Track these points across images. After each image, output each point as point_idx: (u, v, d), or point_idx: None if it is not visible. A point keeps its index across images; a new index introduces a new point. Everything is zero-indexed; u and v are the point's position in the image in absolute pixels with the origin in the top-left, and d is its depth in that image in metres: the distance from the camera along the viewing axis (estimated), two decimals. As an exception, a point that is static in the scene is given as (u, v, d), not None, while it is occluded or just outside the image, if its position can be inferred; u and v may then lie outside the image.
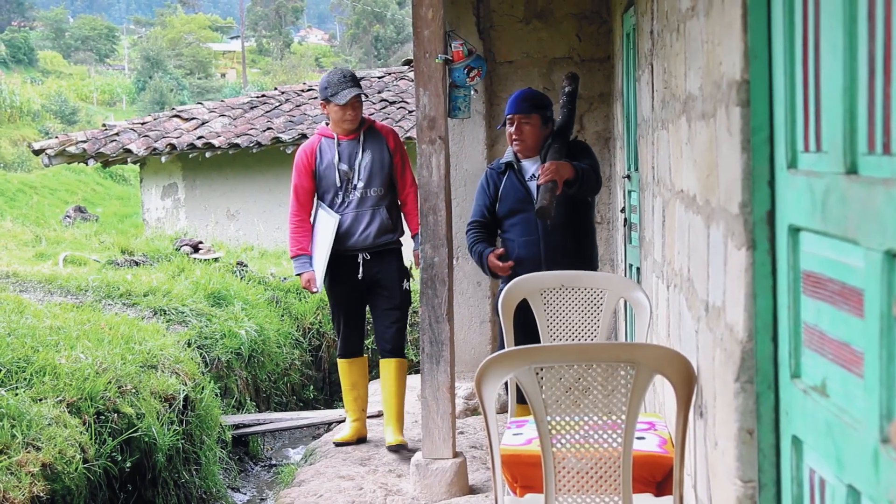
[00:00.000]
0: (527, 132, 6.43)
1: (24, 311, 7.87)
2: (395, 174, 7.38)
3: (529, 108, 6.42)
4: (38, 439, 5.56)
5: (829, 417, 2.30)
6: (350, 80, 7.29)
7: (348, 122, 7.27)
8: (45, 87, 60.65)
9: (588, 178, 6.25)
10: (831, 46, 2.22)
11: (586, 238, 6.58)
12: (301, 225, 7.39)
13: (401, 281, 7.43)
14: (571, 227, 6.45)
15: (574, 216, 6.45)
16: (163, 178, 18.55)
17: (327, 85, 7.27)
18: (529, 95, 6.53)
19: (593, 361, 3.61)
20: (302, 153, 7.41)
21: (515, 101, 6.47)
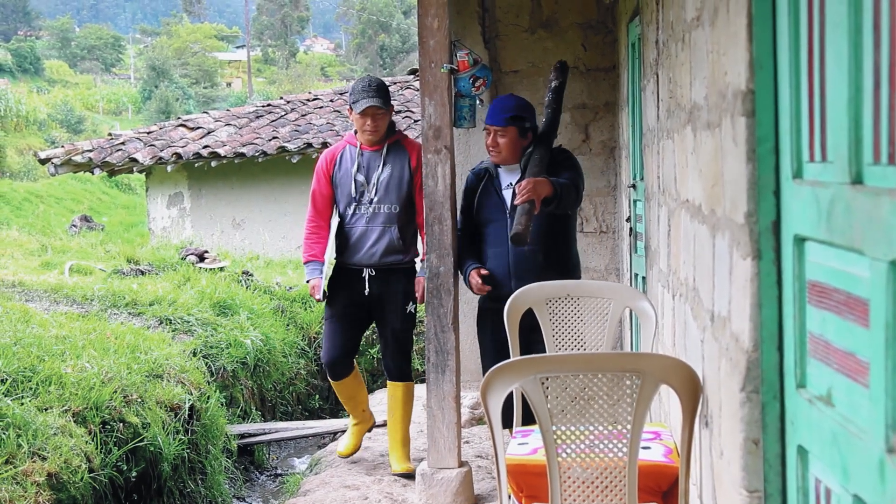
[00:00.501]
0: (502, 145, 6.22)
1: (30, 320, 7.88)
2: (415, 192, 6.99)
3: (505, 120, 6.19)
4: (44, 449, 5.56)
5: (834, 427, 2.30)
6: (373, 90, 6.95)
7: (367, 133, 6.95)
8: (51, 96, 60.75)
9: (567, 194, 6.02)
10: (836, 57, 2.23)
11: (561, 251, 6.35)
12: (316, 231, 7.13)
13: (405, 303, 7.09)
14: (544, 240, 6.22)
15: (547, 228, 6.22)
16: (168, 187, 18.57)
17: (351, 91, 7.03)
18: (507, 106, 6.26)
19: (599, 371, 3.61)
20: (323, 158, 7.19)
21: (493, 111, 6.25)
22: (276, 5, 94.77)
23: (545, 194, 5.85)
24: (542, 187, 5.84)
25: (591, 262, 8.73)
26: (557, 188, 5.90)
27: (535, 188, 5.80)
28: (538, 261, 6.20)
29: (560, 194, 5.91)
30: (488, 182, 6.36)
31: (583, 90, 8.68)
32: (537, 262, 6.19)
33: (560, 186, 5.93)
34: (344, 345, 7.17)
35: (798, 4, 2.53)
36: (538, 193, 5.81)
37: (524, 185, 5.81)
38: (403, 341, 7.19)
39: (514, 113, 6.20)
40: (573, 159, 6.41)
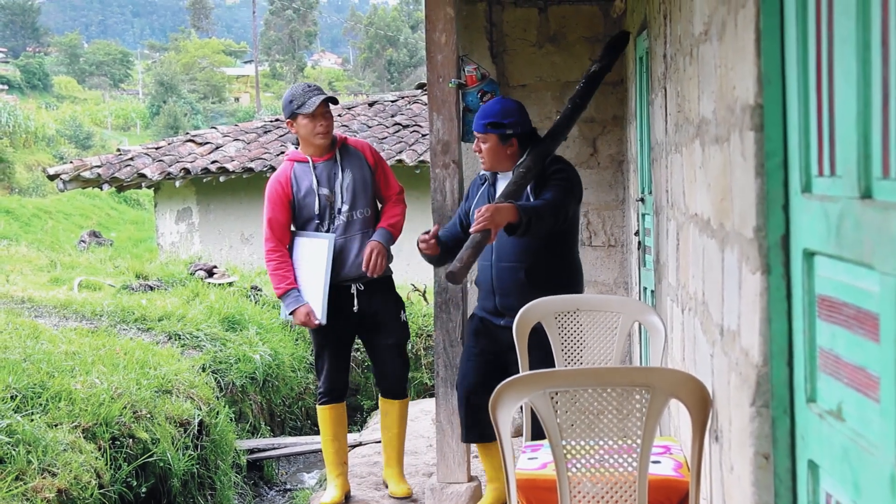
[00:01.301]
0: (485, 151, 5.83)
1: (40, 336, 7.89)
2: (379, 189, 6.70)
3: (484, 126, 5.79)
4: (54, 465, 5.57)
5: (845, 442, 2.29)
6: (316, 90, 6.58)
7: (320, 136, 6.49)
8: (59, 112, 60.96)
9: (540, 220, 5.44)
10: (845, 71, 2.23)
11: (552, 268, 5.88)
12: (282, 259, 6.57)
13: (398, 312, 6.78)
14: (527, 256, 5.80)
15: (530, 244, 5.77)
16: (177, 202, 18.60)
17: (292, 98, 6.52)
18: (488, 112, 5.85)
19: (608, 385, 3.61)
20: (275, 183, 6.68)
21: (477, 115, 5.90)
22: (283, 20, 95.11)
23: (508, 220, 5.31)
24: (503, 215, 5.29)
25: (600, 276, 8.73)
26: (523, 215, 5.33)
27: (493, 217, 5.25)
28: (519, 279, 5.79)
29: (528, 222, 5.35)
30: (485, 188, 6.00)
31: (591, 104, 8.67)
32: (518, 280, 5.79)
33: (529, 213, 5.37)
34: (344, 363, 6.82)
35: (806, 19, 2.53)
36: (496, 223, 5.27)
37: (482, 211, 5.28)
38: (403, 353, 6.85)
39: (493, 119, 5.80)
40: (564, 172, 5.85)
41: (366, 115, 19.40)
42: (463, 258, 5.30)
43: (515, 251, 5.76)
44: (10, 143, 44.65)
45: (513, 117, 5.84)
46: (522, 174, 5.70)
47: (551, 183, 5.71)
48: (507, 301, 5.77)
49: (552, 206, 5.56)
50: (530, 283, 5.75)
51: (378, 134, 18.07)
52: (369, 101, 21.04)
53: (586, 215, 8.71)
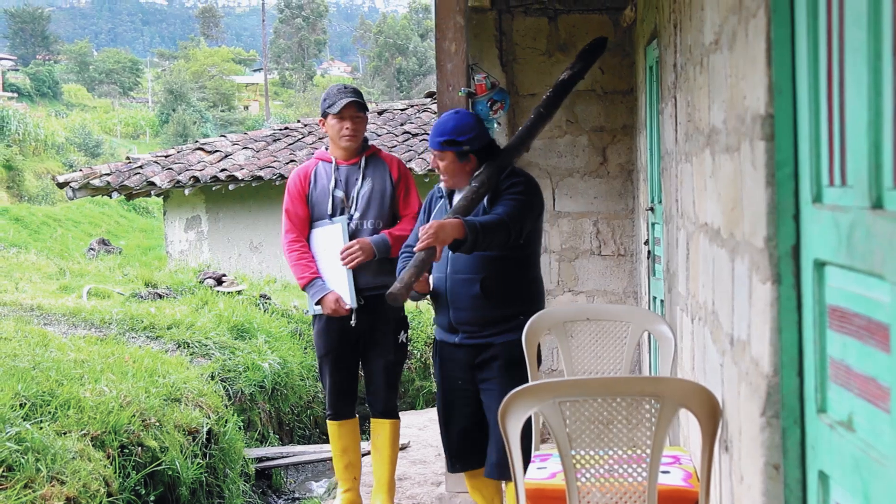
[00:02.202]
0: (443, 169, 5.58)
1: (49, 344, 7.90)
2: (398, 206, 6.49)
3: (441, 144, 5.53)
4: (63, 473, 5.57)
5: (855, 452, 2.29)
6: (350, 92, 6.39)
7: (346, 138, 6.33)
8: (69, 120, 61.01)
9: (489, 235, 5.19)
10: (856, 80, 2.22)
11: (509, 282, 5.58)
12: (304, 250, 6.40)
13: (396, 333, 6.52)
14: (483, 269, 5.49)
15: (491, 256, 5.47)
16: (186, 210, 18.62)
17: (326, 97, 6.41)
18: (443, 129, 5.55)
19: (618, 395, 3.60)
20: (295, 176, 6.52)
21: (431, 133, 5.62)
22: (293, 29, 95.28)
23: (454, 237, 5.08)
24: (448, 232, 5.06)
25: (609, 286, 8.72)
26: (469, 233, 5.09)
27: (438, 234, 5.03)
28: (474, 292, 5.47)
29: (475, 239, 5.12)
30: (443, 203, 5.72)
31: (600, 113, 8.69)
32: (473, 293, 5.47)
33: (476, 229, 5.12)
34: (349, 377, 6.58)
35: (817, 29, 2.53)
36: (440, 239, 5.04)
37: (426, 229, 5.06)
38: (394, 375, 6.59)
39: (449, 137, 5.52)
40: (520, 186, 5.54)
41: (375, 124, 19.42)
42: (404, 278, 5.04)
43: (472, 263, 5.46)
44: (19, 151, 44.74)
45: (469, 133, 5.54)
46: (475, 189, 5.45)
47: (506, 197, 5.44)
48: (462, 315, 5.52)
49: (503, 221, 5.27)
50: (486, 296, 5.46)
51: (387, 142, 18.09)
52: (379, 109, 21.06)
53: (596, 224, 8.71)
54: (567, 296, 8.72)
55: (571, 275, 8.73)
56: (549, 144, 8.69)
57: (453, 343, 5.59)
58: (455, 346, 5.58)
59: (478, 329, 5.51)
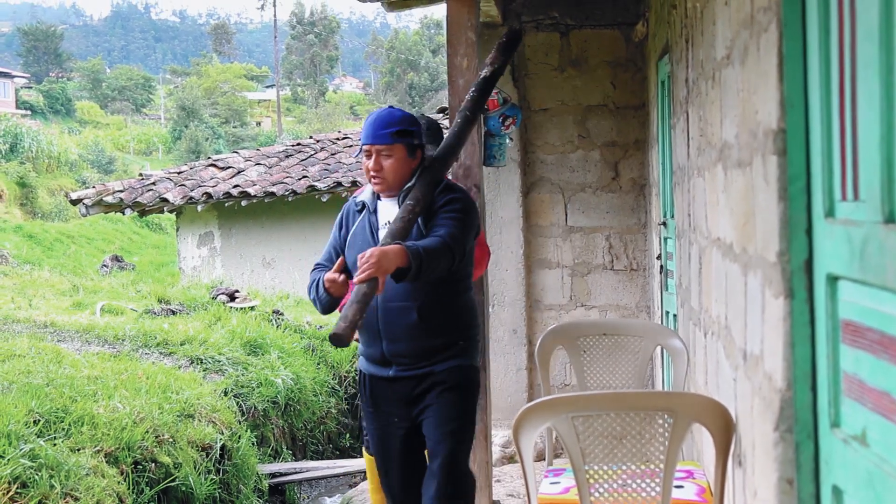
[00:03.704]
0: (388, 168, 4.90)
1: (62, 361, 7.92)
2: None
3: (392, 136, 4.89)
4: (77, 489, 5.58)
5: (869, 467, 2.28)
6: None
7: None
8: (82, 137, 61.24)
9: (433, 261, 4.62)
10: (868, 95, 2.23)
11: (448, 309, 5.00)
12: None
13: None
14: (421, 296, 4.87)
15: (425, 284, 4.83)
16: (199, 226, 18.65)
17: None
18: (391, 119, 4.95)
19: (631, 410, 3.61)
20: None
21: (373, 126, 4.93)
22: (305, 45, 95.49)
23: (398, 265, 4.49)
24: (390, 260, 4.46)
25: (622, 300, 8.72)
26: (412, 260, 4.51)
27: (380, 262, 4.41)
28: (411, 321, 4.86)
29: (418, 267, 4.54)
30: (365, 217, 5.06)
31: (612, 128, 8.70)
32: (410, 322, 4.86)
33: (420, 256, 4.55)
34: None
35: (829, 43, 2.53)
36: (383, 269, 4.43)
37: (366, 258, 4.41)
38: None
39: (401, 127, 4.93)
40: (459, 203, 4.98)
41: (387, 139, 19.40)
42: (348, 316, 4.32)
43: (405, 289, 4.81)
44: (32, 168, 44.87)
45: (416, 126, 5.05)
46: (410, 207, 4.79)
47: (444, 216, 4.87)
48: (397, 347, 4.89)
49: (446, 245, 4.70)
50: (424, 325, 4.86)
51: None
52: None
53: (608, 239, 8.71)
54: (579, 310, 8.72)
55: (584, 289, 8.72)
56: (562, 159, 8.70)
57: (386, 377, 4.95)
58: (389, 380, 4.95)
59: (415, 360, 4.90)
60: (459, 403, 4.92)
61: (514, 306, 8.58)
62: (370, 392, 5.05)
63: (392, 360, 4.92)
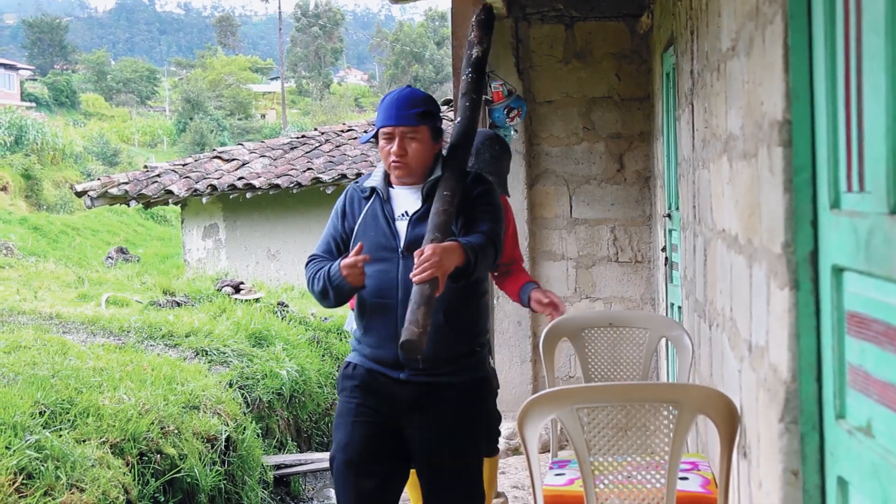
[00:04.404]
0: (413, 152, 4.45)
1: (68, 352, 7.93)
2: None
3: (418, 117, 4.45)
4: (83, 480, 5.59)
5: (874, 458, 2.28)
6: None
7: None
8: (87, 129, 61.23)
9: (484, 260, 4.32)
10: (874, 86, 2.22)
11: (472, 310, 4.59)
12: None
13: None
14: (447, 295, 4.23)
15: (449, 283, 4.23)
16: (204, 218, 18.66)
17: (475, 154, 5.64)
18: (415, 99, 4.52)
19: (636, 402, 3.61)
20: None
21: (396, 106, 4.47)
22: (309, 37, 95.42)
23: (456, 264, 4.14)
24: (451, 257, 4.11)
25: (627, 292, 8.72)
26: (471, 256, 4.19)
27: (442, 261, 4.05)
28: (437, 323, 4.27)
29: (475, 264, 4.23)
30: (376, 205, 4.56)
31: (617, 120, 8.70)
32: (436, 324, 4.25)
33: (475, 251, 4.23)
34: None
35: (835, 34, 2.53)
36: (445, 268, 4.07)
37: (427, 255, 4.04)
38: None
39: (426, 108, 4.51)
40: (491, 195, 4.61)
41: (391, 132, 19.40)
42: (419, 321, 3.94)
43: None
44: (37, 161, 44.89)
45: (438, 108, 4.65)
46: (449, 199, 4.39)
47: (481, 209, 4.50)
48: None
49: (490, 241, 4.38)
50: (450, 327, 4.38)
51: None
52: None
53: (613, 231, 8.71)
54: (584, 302, 8.72)
55: (588, 281, 8.73)
56: (566, 151, 8.70)
57: (395, 378, 4.43)
58: (398, 381, 4.43)
59: (433, 366, 4.39)
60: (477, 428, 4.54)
61: (519, 298, 8.59)
62: (365, 383, 4.47)
63: (406, 364, 4.36)
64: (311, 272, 4.57)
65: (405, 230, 4.43)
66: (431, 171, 4.52)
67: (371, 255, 4.35)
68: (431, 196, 4.44)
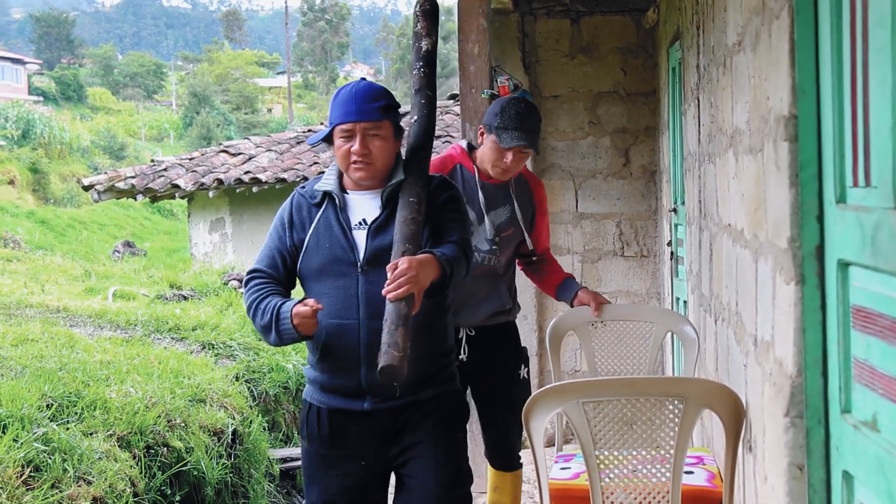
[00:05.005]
0: (378, 150, 3.95)
1: (75, 345, 7.94)
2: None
3: (381, 111, 3.99)
4: (90, 473, 5.60)
5: (880, 453, 2.29)
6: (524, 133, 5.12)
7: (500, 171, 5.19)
8: (94, 123, 61.33)
9: (457, 272, 3.91)
10: (880, 81, 2.23)
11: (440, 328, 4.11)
12: None
13: (517, 366, 5.37)
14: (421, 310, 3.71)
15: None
16: (210, 212, 18.68)
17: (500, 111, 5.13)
18: (376, 92, 4.06)
19: (641, 395, 3.61)
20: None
21: (356, 100, 3.97)
22: (316, 31, 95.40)
23: (432, 279, 3.74)
24: (427, 271, 3.70)
25: (632, 287, 8.72)
26: (447, 268, 3.81)
27: (419, 275, 3.62)
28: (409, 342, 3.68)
29: (451, 277, 3.85)
30: (329, 213, 4.04)
31: (623, 114, 8.69)
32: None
33: (450, 263, 3.84)
34: None
35: (841, 29, 2.53)
36: (421, 283, 3.65)
37: (402, 269, 3.60)
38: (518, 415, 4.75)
39: (388, 101, 4.07)
40: (458, 202, 4.16)
41: (398, 126, 19.42)
42: (398, 343, 3.49)
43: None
44: (45, 154, 44.98)
45: (397, 102, 4.18)
46: (416, 206, 3.91)
47: (449, 217, 4.06)
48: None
49: (464, 252, 3.97)
50: (415, 349, 3.70)
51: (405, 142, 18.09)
52: (401, 111, 21.06)
53: (619, 225, 8.71)
54: (590, 297, 8.72)
55: (594, 276, 8.73)
56: (572, 146, 8.70)
57: (358, 411, 3.96)
58: (361, 414, 3.97)
59: (403, 389, 3.93)
60: (457, 435, 4.15)
61: (525, 293, 8.56)
62: (330, 431, 4.02)
63: (368, 391, 3.92)
64: (254, 296, 4.01)
65: (364, 241, 3.93)
66: (391, 175, 4.02)
67: (325, 266, 3.94)
68: (391, 202, 3.96)
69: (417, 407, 3.97)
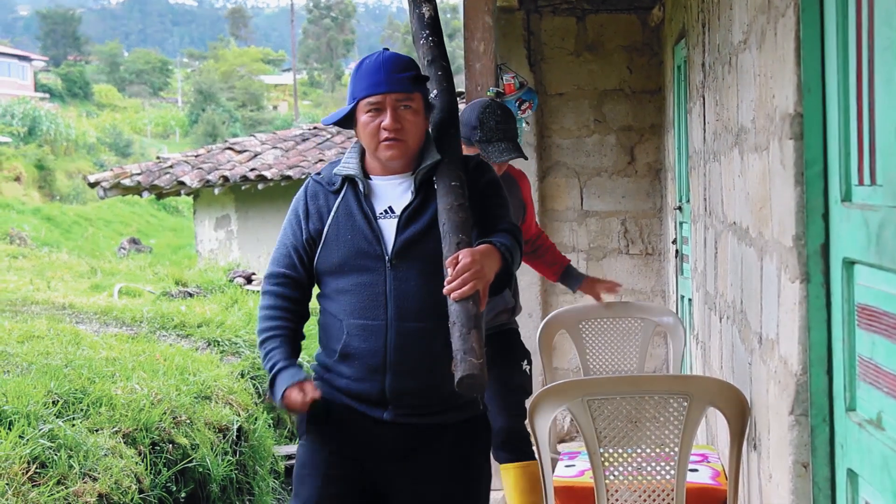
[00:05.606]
0: (411, 126, 3.50)
1: (81, 342, 7.95)
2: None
3: (411, 81, 3.54)
4: (95, 469, 5.60)
5: (885, 451, 2.29)
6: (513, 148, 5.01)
7: None
8: (100, 120, 61.34)
9: (516, 261, 3.51)
10: (886, 79, 2.23)
11: None
12: None
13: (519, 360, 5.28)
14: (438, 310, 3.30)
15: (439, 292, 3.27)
16: (216, 209, 18.68)
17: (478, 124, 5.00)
18: (406, 62, 3.60)
19: (646, 393, 3.61)
20: None
21: (386, 69, 3.51)
22: (321, 29, 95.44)
23: (495, 271, 3.33)
24: (491, 263, 3.30)
25: (637, 284, 8.72)
26: (507, 256, 3.40)
27: (484, 269, 3.23)
28: (435, 350, 3.39)
29: (511, 264, 3.45)
30: (349, 201, 3.58)
31: (628, 112, 8.69)
32: (433, 352, 3.40)
33: (510, 252, 3.42)
34: None
35: (846, 28, 2.53)
36: (487, 278, 3.26)
37: (465, 263, 3.19)
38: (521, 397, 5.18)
39: (417, 72, 3.61)
40: (498, 185, 3.70)
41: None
42: (475, 349, 3.10)
43: (427, 305, 3.43)
44: (51, 151, 45.02)
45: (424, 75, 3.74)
46: (460, 190, 3.47)
47: (495, 202, 3.64)
48: (405, 384, 3.45)
49: (517, 241, 3.53)
50: (444, 353, 3.23)
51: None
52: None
53: (624, 223, 8.71)
54: (595, 295, 8.72)
55: (599, 274, 8.70)
56: (577, 144, 8.70)
57: (378, 419, 3.51)
58: (382, 423, 3.52)
59: (425, 403, 3.51)
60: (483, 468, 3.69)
61: (530, 290, 8.57)
62: (344, 432, 3.57)
63: (391, 400, 3.48)
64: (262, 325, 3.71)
65: (393, 231, 3.49)
66: (422, 156, 3.56)
67: (348, 261, 3.51)
68: (425, 187, 3.53)
69: (440, 432, 3.53)
